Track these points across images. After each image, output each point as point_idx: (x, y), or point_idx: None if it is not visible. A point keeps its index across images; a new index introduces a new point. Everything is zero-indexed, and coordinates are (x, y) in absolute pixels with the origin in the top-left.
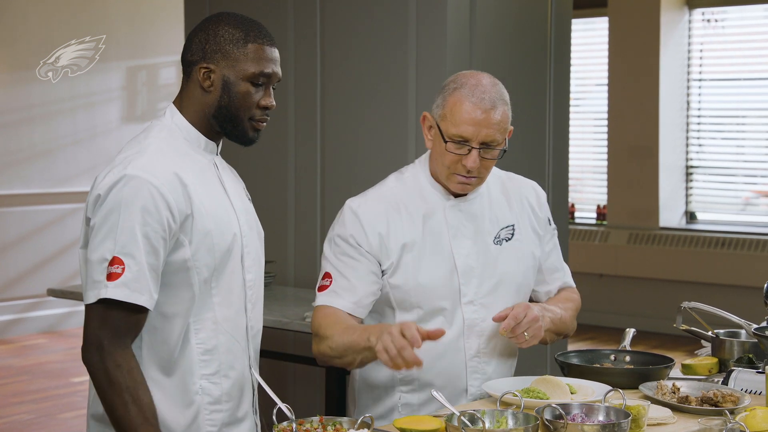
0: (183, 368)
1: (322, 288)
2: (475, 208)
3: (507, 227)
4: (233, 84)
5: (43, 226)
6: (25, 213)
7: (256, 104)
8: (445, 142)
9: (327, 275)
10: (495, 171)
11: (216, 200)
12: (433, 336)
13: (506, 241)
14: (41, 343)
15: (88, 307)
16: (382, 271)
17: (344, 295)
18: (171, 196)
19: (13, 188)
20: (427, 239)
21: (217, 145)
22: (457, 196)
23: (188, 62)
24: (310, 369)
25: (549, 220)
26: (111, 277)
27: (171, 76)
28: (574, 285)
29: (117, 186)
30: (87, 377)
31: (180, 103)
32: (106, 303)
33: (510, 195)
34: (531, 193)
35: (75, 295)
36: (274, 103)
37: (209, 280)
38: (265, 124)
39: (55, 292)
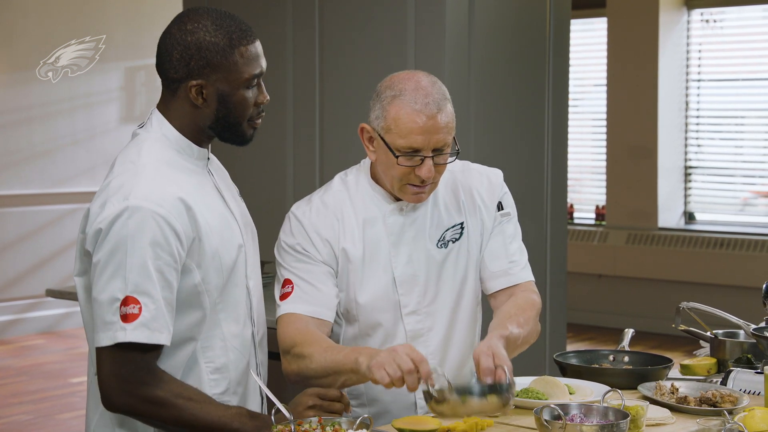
0: None
1: (284, 296)
2: (416, 212)
3: (454, 227)
4: (229, 95)
5: (42, 227)
6: (23, 213)
7: (252, 105)
8: (396, 156)
9: (287, 282)
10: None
11: (218, 215)
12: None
13: (452, 242)
14: (40, 343)
15: (101, 350)
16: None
17: (310, 300)
18: (178, 223)
19: (12, 188)
20: (366, 250)
21: (209, 149)
22: (398, 199)
23: (172, 79)
24: None
25: (499, 204)
26: (127, 318)
27: None
28: (529, 278)
29: (120, 219)
30: (85, 378)
31: (167, 113)
32: (122, 346)
33: (459, 191)
34: (482, 183)
35: (74, 296)
36: (268, 96)
37: (216, 300)
38: (260, 120)
39: (53, 293)
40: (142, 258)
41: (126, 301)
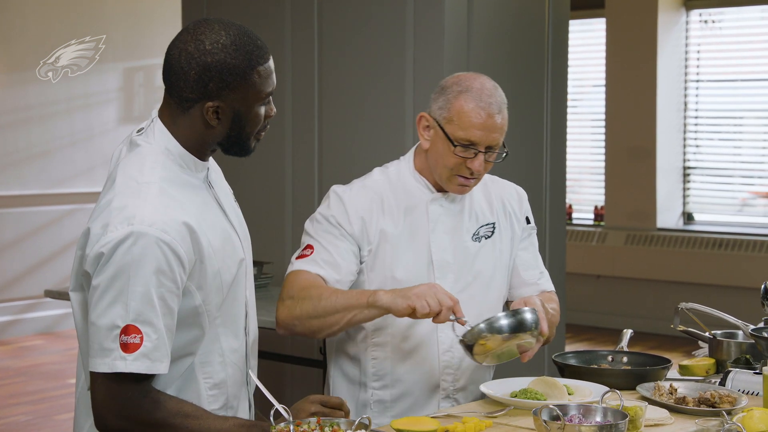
0: None
1: (301, 256)
2: (456, 205)
3: (487, 225)
4: (245, 114)
5: (40, 228)
6: (22, 214)
7: (263, 119)
8: (454, 145)
9: (308, 246)
10: None
11: (221, 233)
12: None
13: (486, 238)
14: (38, 344)
15: (97, 375)
16: (361, 258)
17: (326, 268)
18: (182, 249)
19: (10, 189)
20: (406, 232)
21: (207, 163)
22: (440, 190)
23: (186, 98)
24: (308, 370)
25: (528, 218)
26: (128, 347)
27: None
28: (553, 289)
29: (124, 245)
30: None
31: (172, 125)
32: (119, 375)
33: (491, 197)
34: (513, 195)
35: None
36: (275, 109)
37: (216, 317)
38: (264, 133)
39: (52, 294)
40: (145, 286)
41: (127, 330)
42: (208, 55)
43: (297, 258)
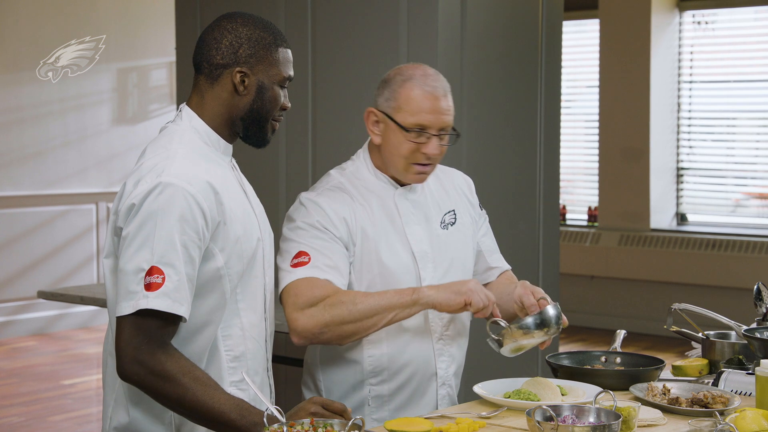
0: (212, 377)
1: (299, 264)
2: (418, 196)
3: (449, 212)
4: (267, 88)
5: (33, 229)
6: (14, 215)
7: (281, 107)
8: (407, 131)
9: (303, 253)
10: None
11: (241, 205)
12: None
13: (451, 225)
14: (31, 345)
15: (121, 318)
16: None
17: (331, 273)
18: (205, 203)
19: (3, 190)
20: (383, 226)
21: (232, 147)
22: (401, 185)
23: (217, 65)
24: (301, 371)
25: (480, 205)
26: (151, 287)
27: (162, 77)
28: (509, 267)
29: (152, 194)
30: (78, 379)
31: (200, 105)
32: (142, 314)
33: (445, 184)
34: (462, 181)
35: (65, 298)
36: (290, 104)
37: (236, 287)
38: (278, 124)
39: (45, 295)
40: (169, 231)
41: (150, 271)
42: (240, 26)
43: (293, 266)
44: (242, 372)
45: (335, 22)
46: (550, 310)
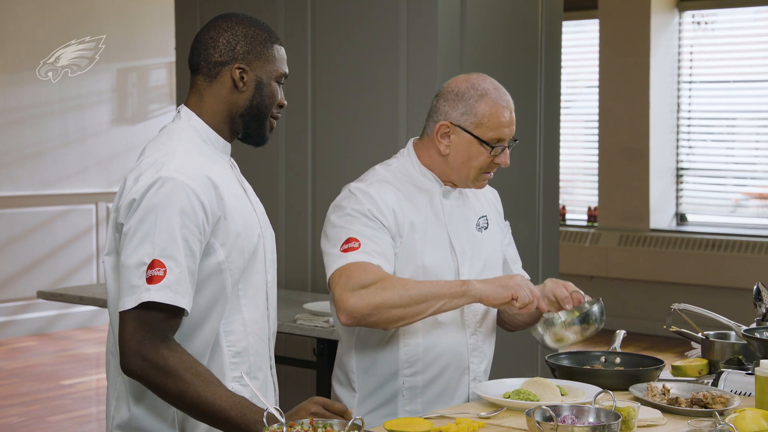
0: (214, 372)
1: (350, 249)
2: (459, 198)
3: (483, 216)
4: (265, 84)
5: (33, 229)
6: (14, 215)
7: (278, 103)
8: (491, 147)
9: (352, 239)
10: None
11: (241, 202)
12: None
13: (484, 228)
14: (31, 345)
15: (124, 313)
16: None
17: (381, 259)
18: (206, 198)
19: (2, 190)
20: (428, 222)
21: (230, 146)
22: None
23: (215, 63)
24: (301, 371)
25: (504, 217)
26: (152, 280)
27: (162, 77)
28: (529, 278)
29: (153, 188)
30: (78, 379)
31: (198, 104)
32: (145, 307)
33: (477, 192)
34: (489, 191)
35: (65, 298)
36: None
37: (237, 282)
38: (275, 122)
39: (44, 295)
40: (170, 224)
41: (152, 265)
42: (235, 24)
43: (343, 251)
44: (241, 372)
45: (335, 22)
46: (595, 306)
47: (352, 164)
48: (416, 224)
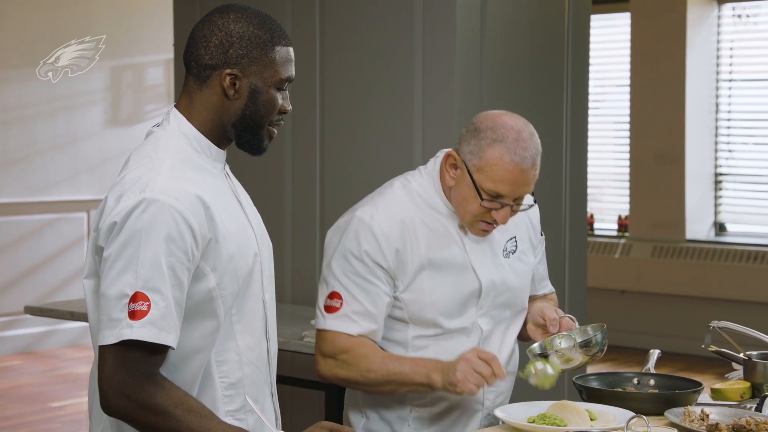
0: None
1: (331, 309)
2: None
3: (511, 239)
4: (261, 92)
5: (20, 239)
6: None
7: (278, 111)
8: (481, 198)
9: (336, 295)
10: None
11: (235, 219)
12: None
13: (512, 253)
14: (17, 364)
15: (104, 348)
16: (395, 288)
17: (360, 322)
18: (195, 220)
19: None
20: (446, 254)
21: (225, 152)
22: None
23: (205, 66)
24: (309, 392)
25: (540, 230)
26: (135, 315)
27: (159, 76)
28: (553, 290)
29: (136, 211)
30: (68, 401)
31: (188, 108)
32: (126, 344)
33: None
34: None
35: (54, 313)
36: (291, 106)
37: (230, 308)
38: (277, 130)
39: (32, 310)
40: (154, 252)
41: (135, 297)
42: (232, 23)
43: (326, 310)
44: (245, 395)
45: (345, 18)
46: (598, 334)
47: (363, 171)
48: (426, 261)
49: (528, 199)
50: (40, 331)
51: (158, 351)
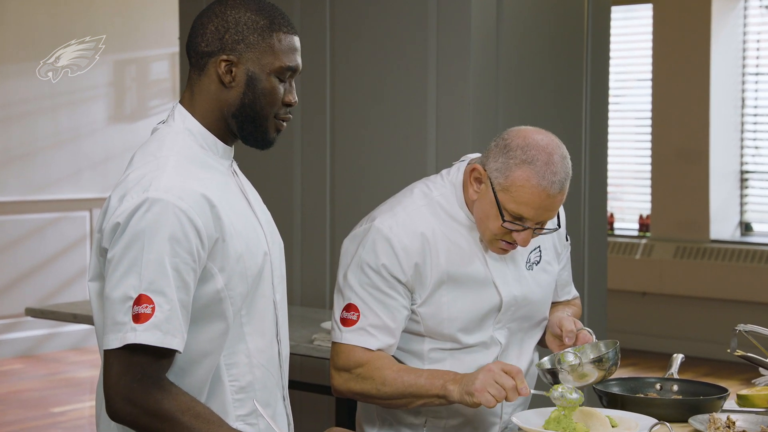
0: (215, 411)
1: (348, 322)
2: None
3: (535, 249)
4: (258, 79)
5: (21, 238)
6: (0, 223)
7: (281, 101)
8: (503, 219)
9: (352, 307)
10: None
11: (243, 217)
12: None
13: (536, 264)
14: (17, 368)
15: (108, 352)
16: (413, 301)
17: (378, 336)
18: (200, 220)
19: None
20: (466, 267)
21: (233, 149)
22: None
23: (202, 53)
24: (319, 398)
25: (567, 235)
26: (139, 318)
27: (164, 70)
28: (577, 294)
29: (139, 211)
30: (69, 406)
31: (191, 102)
32: (131, 348)
33: None
34: None
35: (56, 315)
36: (297, 99)
37: (240, 309)
38: (286, 123)
39: (33, 312)
40: (158, 253)
41: (139, 300)
42: (229, 8)
43: (342, 323)
44: (254, 400)
45: (356, 14)
46: (611, 351)
47: (375, 172)
48: (446, 275)
49: (552, 222)
50: (41, 333)
51: (164, 355)
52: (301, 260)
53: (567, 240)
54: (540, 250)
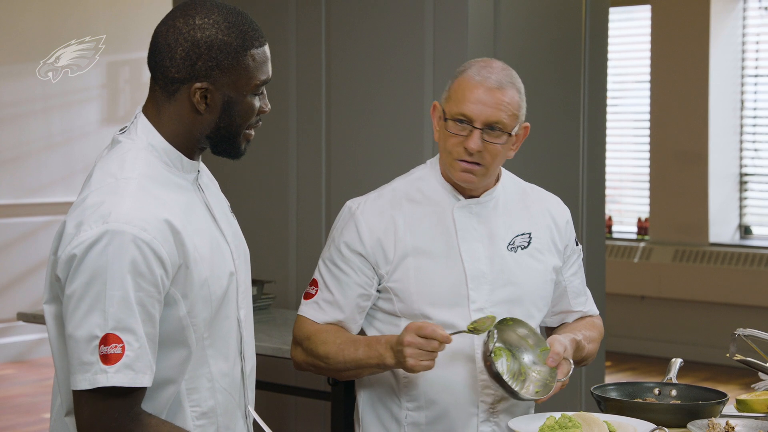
0: None
1: (307, 296)
2: (488, 211)
3: (522, 235)
4: (236, 102)
5: (12, 242)
6: None
7: (256, 113)
8: (446, 120)
9: (314, 282)
10: (518, 180)
11: (209, 239)
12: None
13: (522, 248)
14: (9, 374)
15: (79, 393)
16: (380, 278)
17: (327, 310)
18: (164, 249)
19: None
20: (434, 242)
21: (199, 162)
22: (468, 197)
23: (172, 79)
24: (314, 402)
25: (576, 240)
26: (108, 359)
27: None
28: (597, 312)
29: (98, 245)
30: None
31: (157, 119)
32: (102, 390)
33: (530, 205)
34: (555, 207)
35: None
36: (270, 105)
37: (203, 333)
38: (253, 133)
39: (25, 317)
40: (122, 289)
41: (106, 340)
42: (197, 30)
43: (304, 297)
44: (250, 409)
45: (352, 14)
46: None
47: (371, 172)
48: (413, 248)
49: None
50: (33, 338)
51: (136, 390)
52: (296, 265)
53: (577, 245)
54: (530, 237)
